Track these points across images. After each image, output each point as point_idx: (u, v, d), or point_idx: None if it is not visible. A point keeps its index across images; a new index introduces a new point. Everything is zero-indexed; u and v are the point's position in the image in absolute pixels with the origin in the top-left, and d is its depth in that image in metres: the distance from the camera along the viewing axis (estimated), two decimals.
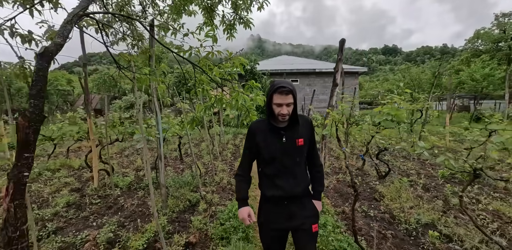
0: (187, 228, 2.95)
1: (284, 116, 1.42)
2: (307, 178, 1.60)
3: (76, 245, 2.64)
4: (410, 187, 4.13)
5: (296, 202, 1.53)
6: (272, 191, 1.51)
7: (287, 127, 1.50)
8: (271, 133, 1.49)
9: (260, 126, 1.55)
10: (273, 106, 1.43)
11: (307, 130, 1.55)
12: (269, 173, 1.52)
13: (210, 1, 2.71)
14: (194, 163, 4.21)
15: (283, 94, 1.37)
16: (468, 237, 2.63)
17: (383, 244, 2.62)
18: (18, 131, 1.10)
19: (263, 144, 1.50)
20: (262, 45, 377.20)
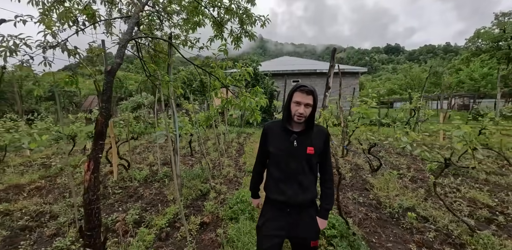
0: (201, 211, 3.43)
1: (301, 116, 1.41)
2: (314, 190, 1.53)
3: (108, 224, 3.13)
4: (399, 179, 4.58)
5: (299, 212, 1.50)
6: (275, 195, 1.50)
7: (300, 132, 1.49)
8: (283, 135, 1.50)
9: (274, 126, 1.56)
10: (291, 105, 1.44)
11: (320, 141, 1.52)
12: (274, 176, 1.52)
13: (220, 18, 3.19)
14: (204, 157, 4.69)
15: (304, 93, 1.39)
16: (441, 218, 3.08)
17: (368, 224, 3.08)
18: (96, 125, 1.56)
19: (272, 145, 1.52)
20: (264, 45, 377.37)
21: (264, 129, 1.60)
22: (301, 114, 1.40)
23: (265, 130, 1.60)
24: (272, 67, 20.17)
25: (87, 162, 1.56)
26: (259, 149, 1.68)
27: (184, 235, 2.79)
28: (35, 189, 4.66)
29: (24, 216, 3.49)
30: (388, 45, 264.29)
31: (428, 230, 2.87)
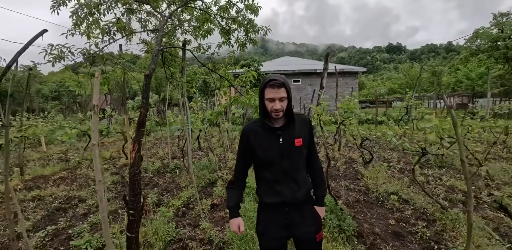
0: (211, 195, 3.93)
1: (278, 112, 1.33)
2: (309, 182, 1.49)
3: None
4: (388, 170, 5.05)
5: (298, 209, 1.45)
6: (271, 198, 1.42)
7: (283, 127, 1.41)
8: (266, 134, 1.40)
9: (254, 127, 1.45)
10: (265, 102, 1.36)
11: (304, 130, 1.45)
12: (268, 178, 1.43)
13: (227, 27, 3.67)
14: (212, 151, 5.18)
15: (275, 87, 1.30)
16: (419, 200, 3.56)
17: (357, 206, 3.56)
18: (140, 116, 2.05)
19: (259, 147, 1.41)
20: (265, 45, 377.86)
21: (244, 132, 1.46)
22: (278, 110, 1.32)
23: (245, 132, 1.46)
24: (274, 67, 20.64)
25: (132, 144, 2.04)
26: (239, 155, 1.52)
27: (198, 213, 3.28)
28: (59, 179, 5.17)
29: (55, 200, 4.00)
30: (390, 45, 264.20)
31: (406, 209, 3.35)
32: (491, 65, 21.94)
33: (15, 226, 3.14)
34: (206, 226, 2.89)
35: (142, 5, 3.67)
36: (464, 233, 2.68)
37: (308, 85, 19.38)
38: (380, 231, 2.87)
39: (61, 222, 3.21)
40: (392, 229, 2.91)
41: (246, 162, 1.52)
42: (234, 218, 1.49)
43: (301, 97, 18.24)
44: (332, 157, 6.49)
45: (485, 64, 22.65)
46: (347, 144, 8.25)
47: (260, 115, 1.43)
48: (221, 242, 2.61)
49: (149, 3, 3.28)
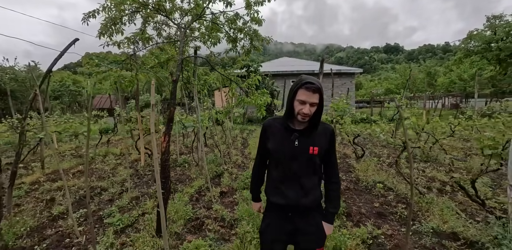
0: (219, 184, 4.43)
1: (305, 116, 1.30)
2: (319, 193, 1.45)
3: (149, 193, 4.12)
4: (378, 164, 5.57)
5: (302, 216, 1.42)
6: (275, 198, 1.43)
7: (303, 131, 1.38)
8: (284, 134, 1.39)
9: (274, 124, 1.45)
10: (295, 103, 1.32)
11: (325, 140, 1.41)
12: (275, 177, 1.45)
13: (234, 36, 4.16)
14: (217, 147, 5.67)
15: (310, 91, 1.26)
16: (402, 187, 4.08)
17: (347, 193, 4.07)
18: (170, 113, 2.53)
19: (272, 144, 1.41)
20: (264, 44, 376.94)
21: (264, 126, 1.48)
22: (306, 114, 1.28)
23: (264, 127, 1.48)
24: (272, 67, 21.13)
25: (163, 135, 2.53)
26: (258, 148, 1.58)
27: (210, 199, 3.78)
28: (77, 172, 5.65)
29: (79, 190, 4.48)
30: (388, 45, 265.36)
31: (390, 195, 3.87)
32: (483, 67, 22.56)
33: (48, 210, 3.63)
34: (218, 208, 3.39)
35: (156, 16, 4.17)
36: (436, 213, 3.19)
37: None
38: (366, 211, 3.39)
39: (91, 206, 3.69)
40: (376, 210, 3.43)
41: (263, 158, 1.57)
42: (257, 202, 1.70)
43: None
44: None
45: (477, 65, 23.27)
46: (342, 141, 8.77)
47: (284, 114, 1.40)
48: (232, 220, 3.11)
49: (166, 16, 3.77)
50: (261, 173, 1.62)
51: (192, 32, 4.38)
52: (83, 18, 3.58)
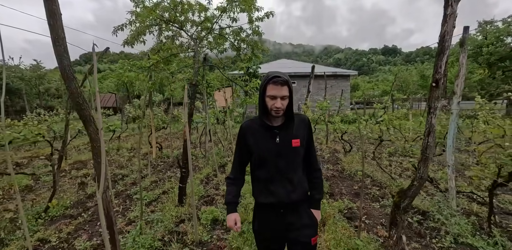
0: (224, 172, 5.16)
1: (278, 110, 1.30)
2: (305, 184, 1.46)
3: (165, 178, 4.84)
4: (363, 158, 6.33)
5: (293, 211, 1.43)
6: (266, 198, 1.41)
7: (281, 126, 1.39)
8: (263, 133, 1.39)
9: (252, 125, 1.44)
10: (266, 99, 1.32)
11: (304, 130, 1.43)
12: (262, 178, 1.42)
13: (238, 45, 4.90)
14: (221, 142, 6.41)
15: (278, 84, 1.26)
16: (378, 175, 4.84)
17: (332, 179, 4.82)
18: (190, 110, 3.25)
19: (254, 145, 1.40)
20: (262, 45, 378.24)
21: (242, 129, 1.46)
22: (279, 108, 1.30)
23: (242, 130, 1.46)
24: (271, 69, 21.88)
25: (184, 127, 3.26)
26: (236, 152, 1.52)
27: (217, 182, 4.52)
28: None
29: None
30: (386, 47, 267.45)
31: (367, 181, 4.63)
32: (472, 70, 23.44)
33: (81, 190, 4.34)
34: (225, 189, 4.13)
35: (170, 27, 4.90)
36: None
37: (303, 87, 20.66)
38: (346, 192, 4.15)
39: (117, 187, 4.42)
40: (354, 191, 4.18)
41: (243, 159, 1.51)
42: (231, 213, 1.48)
43: (297, 98, 19.52)
44: (320, 149, 7.78)
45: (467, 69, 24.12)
46: (334, 139, 9.54)
47: (259, 112, 1.40)
48: None
49: (181, 28, 4.51)
50: (238, 181, 1.56)
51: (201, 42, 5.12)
52: (113, 31, 4.32)
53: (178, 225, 2.97)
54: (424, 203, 3.45)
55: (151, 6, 4.34)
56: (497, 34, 24.94)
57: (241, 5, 4.52)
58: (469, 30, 2.91)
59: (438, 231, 2.83)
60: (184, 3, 4.53)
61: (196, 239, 2.65)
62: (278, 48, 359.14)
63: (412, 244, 2.62)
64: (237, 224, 1.44)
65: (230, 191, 1.52)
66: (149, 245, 2.49)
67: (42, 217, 3.23)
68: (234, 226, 1.44)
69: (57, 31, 1.22)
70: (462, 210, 3.24)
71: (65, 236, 2.83)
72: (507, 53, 24.09)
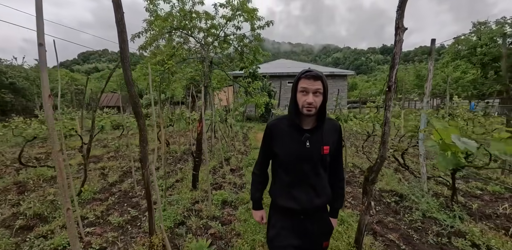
0: (229, 164, 5.73)
1: (310, 107, 1.21)
2: (328, 191, 1.39)
3: (176, 170, 5.40)
4: (355, 152, 6.92)
5: (313, 218, 1.37)
6: (287, 202, 1.34)
7: (313, 130, 1.30)
8: (293, 135, 1.30)
9: (280, 125, 1.35)
10: (298, 95, 1.24)
11: (334, 137, 1.35)
12: (284, 181, 1.35)
13: (241, 50, 5.46)
14: (225, 138, 6.97)
15: (310, 78, 1.19)
16: (365, 165, 5.42)
17: None
18: (203, 108, 3.81)
19: (281, 147, 1.33)
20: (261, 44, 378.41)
21: (268, 128, 1.39)
22: (311, 104, 1.20)
23: (269, 129, 1.39)
24: (270, 69, 22.43)
25: (198, 122, 3.81)
26: (261, 150, 1.48)
27: (223, 172, 5.08)
28: (111, 157, 6.91)
29: (119, 168, 5.74)
30: (384, 46, 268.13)
31: (355, 170, 5.20)
32: (466, 70, 24.10)
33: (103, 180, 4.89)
34: (231, 177, 4.70)
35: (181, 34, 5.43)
36: (384, 179, 4.52)
37: None
38: None
39: (136, 176, 4.97)
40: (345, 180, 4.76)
41: (267, 158, 1.49)
42: (258, 210, 1.52)
43: None
44: None
45: (460, 69, 24.79)
46: None
47: (289, 111, 1.32)
48: (241, 184, 4.42)
49: (190, 35, 5.07)
50: (264, 177, 1.54)
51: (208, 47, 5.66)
52: (131, 38, 4.87)
53: (194, 205, 3.53)
54: (402, 188, 4.03)
55: (164, 15, 4.89)
56: (490, 35, 25.56)
57: (244, 15, 5.08)
58: (435, 42, 3.44)
59: (410, 209, 3.41)
60: (193, 11, 5.09)
61: (210, 214, 3.21)
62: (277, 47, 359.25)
63: (388, 218, 3.20)
64: (264, 220, 1.53)
65: (257, 189, 1.53)
66: (174, 218, 3.05)
67: (77, 200, 3.78)
68: (261, 221, 1.53)
69: (126, 53, 1.77)
70: (433, 192, 3.83)
71: (100, 214, 3.39)
72: (500, 53, 24.71)
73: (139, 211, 3.45)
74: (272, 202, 1.46)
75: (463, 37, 28.92)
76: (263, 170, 1.52)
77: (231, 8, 5.05)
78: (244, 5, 5.01)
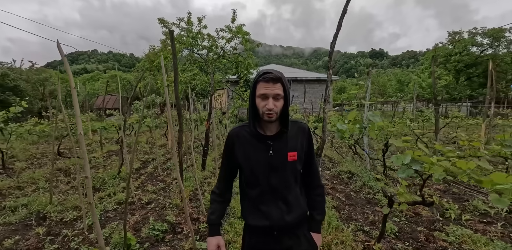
0: None
1: (271, 113, 1.07)
2: (303, 204, 1.26)
3: (185, 160, 6.78)
4: (332, 149, 8.44)
5: (290, 234, 1.22)
6: (257, 220, 1.20)
7: (275, 136, 1.17)
8: (255, 143, 1.18)
9: (241, 133, 1.22)
10: (256, 101, 1.11)
11: (302, 141, 1.21)
12: (252, 196, 1.22)
13: (236, 65, 6.93)
14: (222, 136, 8.40)
15: (269, 81, 1.06)
16: (337, 158, 6.95)
17: None
18: (210, 109, 5.18)
19: (243, 158, 1.20)
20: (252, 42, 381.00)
21: (229, 138, 1.24)
22: (271, 110, 1.07)
23: (230, 138, 1.24)
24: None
25: (206, 120, 5.20)
26: (223, 164, 1.31)
27: None
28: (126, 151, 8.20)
29: (138, 160, 7.07)
30: (373, 50, 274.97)
31: (328, 162, 6.70)
32: (441, 76, 26.26)
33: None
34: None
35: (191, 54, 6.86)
36: (344, 164, 6.02)
37: (291, 91, 22.84)
38: None
39: (148, 167, 6.33)
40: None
41: (231, 172, 1.32)
42: (214, 237, 1.26)
43: None
44: None
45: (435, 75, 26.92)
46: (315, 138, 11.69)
47: (249, 118, 1.17)
48: None
49: (197, 53, 6.52)
50: (224, 197, 1.34)
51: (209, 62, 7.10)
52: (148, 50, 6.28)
53: (205, 180, 4.94)
54: (356, 169, 5.54)
55: (176, 36, 6.30)
56: (463, 44, 27.81)
57: (238, 36, 6.56)
58: (371, 70, 4.96)
59: (356, 181, 4.91)
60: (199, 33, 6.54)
61: None
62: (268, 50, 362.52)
63: (339, 186, 4.68)
64: (220, 248, 1.25)
65: (214, 210, 1.30)
66: (192, 187, 4.45)
67: (117, 178, 5.13)
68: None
69: (177, 80, 3.19)
70: (375, 170, 5.35)
71: (137, 186, 4.75)
72: (473, 61, 27.00)
73: (165, 184, 4.83)
74: (245, 223, 1.31)
75: (440, 45, 31.27)
76: (224, 189, 1.33)
77: (229, 31, 6.55)
78: (240, 29, 6.52)
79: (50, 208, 3.62)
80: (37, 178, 5.20)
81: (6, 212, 3.55)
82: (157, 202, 4.00)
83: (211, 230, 1.27)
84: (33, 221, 3.31)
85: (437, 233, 3.00)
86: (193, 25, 6.47)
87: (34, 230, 3.03)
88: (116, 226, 3.11)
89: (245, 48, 6.29)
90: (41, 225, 3.20)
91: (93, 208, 1.63)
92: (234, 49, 6.30)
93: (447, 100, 23.77)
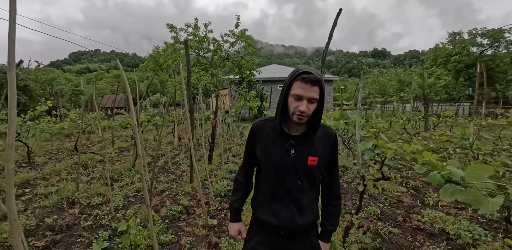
0: (230, 152, 7.65)
1: (302, 116, 1.04)
2: (316, 211, 1.22)
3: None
4: None
5: (296, 236, 1.19)
6: (266, 216, 1.19)
7: (300, 137, 1.14)
8: (277, 140, 1.15)
9: (265, 126, 1.20)
10: (289, 99, 1.06)
11: (326, 147, 1.17)
12: (265, 192, 1.21)
13: (239, 67, 7.42)
14: (225, 134, 8.92)
15: (308, 83, 0.99)
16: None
17: None
18: (216, 108, 5.67)
19: (262, 153, 1.18)
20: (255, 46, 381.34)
21: (252, 129, 1.24)
22: (303, 113, 1.02)
23: (253, 129, 1.24)
24: (262, 74, 24.29)
25: (212, 119, 5.70)
26: (245, 154, 1.33)
27: (227, 157, 7.00)
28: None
29: (147, 155, 7.60)
30: (375, 49, 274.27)
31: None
32: (440, 76, 26.58)
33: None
34: (233, 159, 6.62)
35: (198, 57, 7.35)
36: (340, 160, 6.50)
37: None
38: None
39: (160, 161, 6.85)
40: None
41: (251, 164, 1.33)
42: (235, 223, 1.32)
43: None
44: None
45: (435, 75, 27.26)
46: None
47: (276, 113, 1.13)
48: (241, 162, 6.37)
49: (203, 56, 7.02)
50: (247, 185, 1.36)
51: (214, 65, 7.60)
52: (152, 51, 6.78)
53: (212, 172, 5.45)
54: (349, 163, 6.02)
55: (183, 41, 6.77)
56: (463, 45, 28.10)
57: (242, 40, 7.05)
58: (362, 77, 5.43)
59: (348, 173, 5.40)
60: (205, 37, 7.04)
61: (223, 176, 5.13)
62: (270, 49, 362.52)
63: None
64: (242, 234, 1.30)
65: (237, 198, 1.33)
66: (202, 177, 4.96)
67: (132, 170, 5.65)
68: (237, 237, 1.31)
69: (189, 84, 3.68)
70: (366, 163, 5.83)
71: (150, 177, 5.26)
72: (473, 61, 27.32)
73: (176, 176, 5.34)
74: (253, 214, 1.29)
75: (441, 46, 31.55)
76: (246, 177, 1.36)
77: (233, 36, 7.04)
78: (243, 33, 7.01)
79: (78, 194, 4.15)
80: (59, 170, 5.72)
81: (40, 197, 4.07)
82: (170, 190, 4.51)
83: (233, 216, 1.33)
84: (65, 205, 3.83)
85: (414, 215, 3.49)
86: (200, 30, 6.98)
87: (68, 212, 3.55)
88: (138, 208, 3.63)
89: (248, 52, 6.77)
90: (73, 208, 3.72)
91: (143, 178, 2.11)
92: (237, 53, 6.79)
93: (446, 100, 24.13)
